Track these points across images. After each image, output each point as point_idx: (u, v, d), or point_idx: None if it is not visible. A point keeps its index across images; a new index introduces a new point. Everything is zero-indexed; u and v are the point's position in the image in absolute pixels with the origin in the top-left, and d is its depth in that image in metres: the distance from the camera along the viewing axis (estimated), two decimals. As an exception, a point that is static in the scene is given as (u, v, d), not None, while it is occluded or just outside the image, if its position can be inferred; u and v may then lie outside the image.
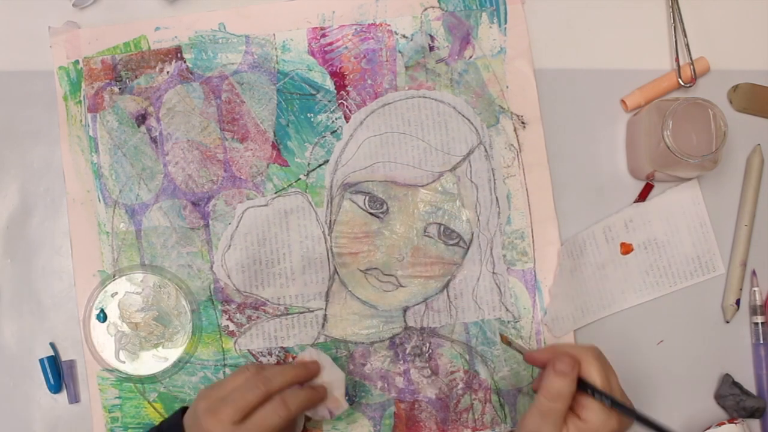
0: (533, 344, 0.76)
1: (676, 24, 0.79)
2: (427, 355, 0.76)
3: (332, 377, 0.71)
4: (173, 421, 0.69)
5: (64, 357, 0.77)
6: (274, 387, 0.66)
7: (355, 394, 0.76)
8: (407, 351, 0.76)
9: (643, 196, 0.78)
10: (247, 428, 0.64)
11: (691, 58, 0.79)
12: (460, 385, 0.76)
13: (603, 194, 0.78)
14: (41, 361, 0.76)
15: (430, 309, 0.77)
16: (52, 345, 0.77)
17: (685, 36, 0.79)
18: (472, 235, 0.77)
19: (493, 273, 0.77)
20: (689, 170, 0.74)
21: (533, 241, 0.77)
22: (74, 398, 0.77)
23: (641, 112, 0.77)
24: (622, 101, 0.79)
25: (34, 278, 0.78)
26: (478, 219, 0.77)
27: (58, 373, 0.76)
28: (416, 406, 0.76)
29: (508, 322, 0.76)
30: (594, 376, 0.61)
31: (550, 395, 0.60)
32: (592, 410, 0.60)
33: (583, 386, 0.61)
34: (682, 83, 0.78)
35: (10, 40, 0.80)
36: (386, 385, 0.76)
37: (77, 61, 0.78)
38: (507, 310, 0.76)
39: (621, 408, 0.60)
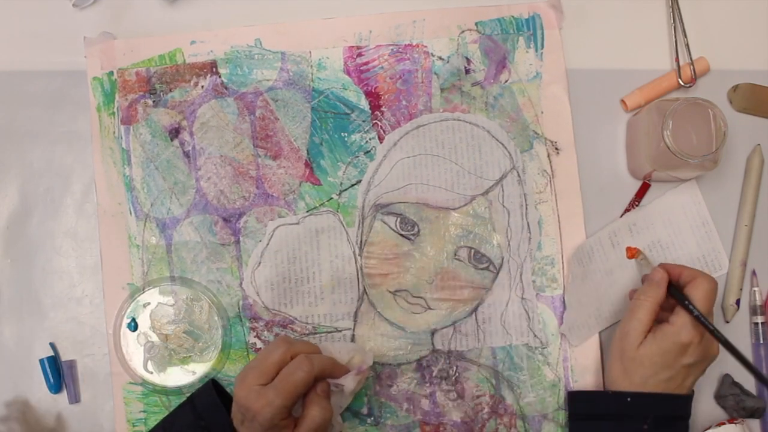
0: (560, 371, 0.76)
1: (676, 24, 0.79)
2: (453, 378, 0.76)
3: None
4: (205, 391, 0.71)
5: (64, 357, 0.77)
6: (296, 348, 0.67)
7: (380, 414, 0.76)
8: (434, 374, 0.76)
9: (639, 196, 0.78)
10: (274, 386, 0.65)
11: (691, 58, 0.79)
12: (486, 410, 0.76)
13: (603, 194, 0.78)
14: (41, 361, 0.76)
15: (458, 332, 0.77)
16: (52, 345, 0.77)
17: (685, 36, 0.79)
18: (502, 259, 0.77)
19: (522, 298, 0.77)
20: (689, 170, 0.74)
21: (563, 268, 0.77)
22: (74, 398, 0.77)
23: (641, 112, 0.77)
24: (622, 101, 0.79)
25: (34, 278, 0.78)
26: (509, 244, 0.77)
27: (58, 373, 0.76)
28: (441, 429, 0.76)
29: (536, 348, 0.76)
30: (696, 294, 0.67)
31: (639, 294, 0.69)
32: (681, 316, 0.67)
33: (682, 301, 0.67)
34: (682, 83, 0.78)
35: (10, 40, 0.80)
36: (412, 407, 0.76)
37: (111, 72, 0.78)
38: (535, 336, 0.76)
39: (704, 323, 0.66)
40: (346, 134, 0.78)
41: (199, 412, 0.68)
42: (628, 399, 0.67)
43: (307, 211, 0.77)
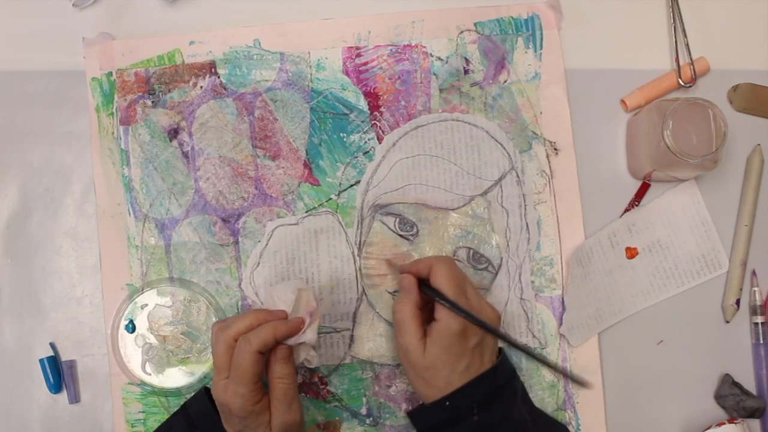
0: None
1: (676, 24, 0.79)
2: (452, 378, 0.76)
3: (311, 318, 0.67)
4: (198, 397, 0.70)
5: (64, 357, 0.77)
6: (233, 330, 0.65)
7: (379, 415, 0.76)
8: (433, 374, 0.76)
9: (639, 196, 0.78)
10: (231, 377, 0.64)
11: (691, 58, 0.79)
12: (485, 410, 0.76)
13: (602, 194, 0.78)
14: (41, 361, 0.76)
15: (456, 333, 0.76)
16: (52, 345, 0.77)
17: (685, 36, 0.79)
18: (501, 260, 0.77)
19: (521, 299, 0.77)
20: (689, 170, 0.74)
21: (562, 268, 0.77)
22: (74, 398, 0.77)
23: (641, 112, 0.77)
24: (622, 101, 0.79)
25: (34, 278, 0.78)
26: (508, 244, 0.77)
27: (58, 373, 0.76)
28: (440, 429, 0.76)
29: (535, 348, 0.76)
30: (440, 280, 0.67)
31: (395, 307, 0.69)
32: (441, 308, 0.67)
33: (433, 295, 0.68)
34: (682, 83, 0.78)
35: (10, 40, 0.80)
36: (411, 408, 0.76)
37: (110, 73, 0.78)
38: (534, 336, 0.76)
39: (453, 307, 0.66)
40: (344, 135, 0.78)
41: (192, 420, 0.68)
42: (447, 403, 0.66)
43: (306, 212, 0.77)
